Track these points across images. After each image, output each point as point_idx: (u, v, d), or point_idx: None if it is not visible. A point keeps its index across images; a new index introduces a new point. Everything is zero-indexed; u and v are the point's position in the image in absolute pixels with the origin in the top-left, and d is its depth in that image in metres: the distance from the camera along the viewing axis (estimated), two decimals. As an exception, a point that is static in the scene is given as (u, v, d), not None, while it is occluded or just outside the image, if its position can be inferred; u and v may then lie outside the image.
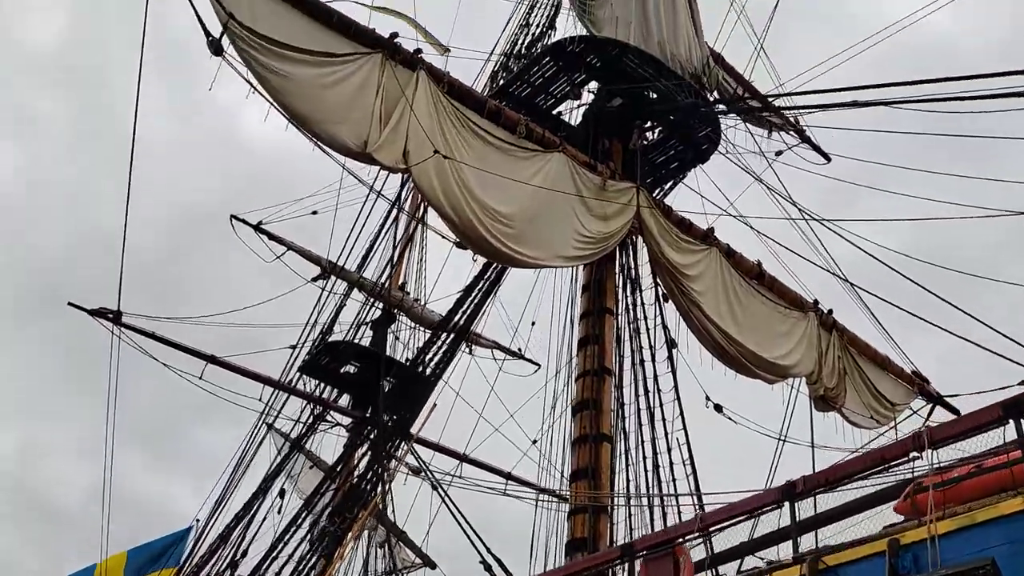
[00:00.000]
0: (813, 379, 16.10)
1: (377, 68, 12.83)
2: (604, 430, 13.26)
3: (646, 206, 14.83)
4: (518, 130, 14.08)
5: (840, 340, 16.86)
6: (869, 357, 17.44)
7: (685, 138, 16.60)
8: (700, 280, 15.13)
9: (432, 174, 12.74)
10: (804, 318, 16.50)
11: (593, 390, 13.52)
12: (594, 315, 14.24)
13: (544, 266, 14.19)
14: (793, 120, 18.82)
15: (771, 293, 16.29)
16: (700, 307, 14.88)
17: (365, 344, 21.44)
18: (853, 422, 16.66)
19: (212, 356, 18.51)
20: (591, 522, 12.32)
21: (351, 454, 17.67)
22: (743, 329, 15.44)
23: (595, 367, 13.67)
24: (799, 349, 16.15)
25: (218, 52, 11.74)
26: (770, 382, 15.77)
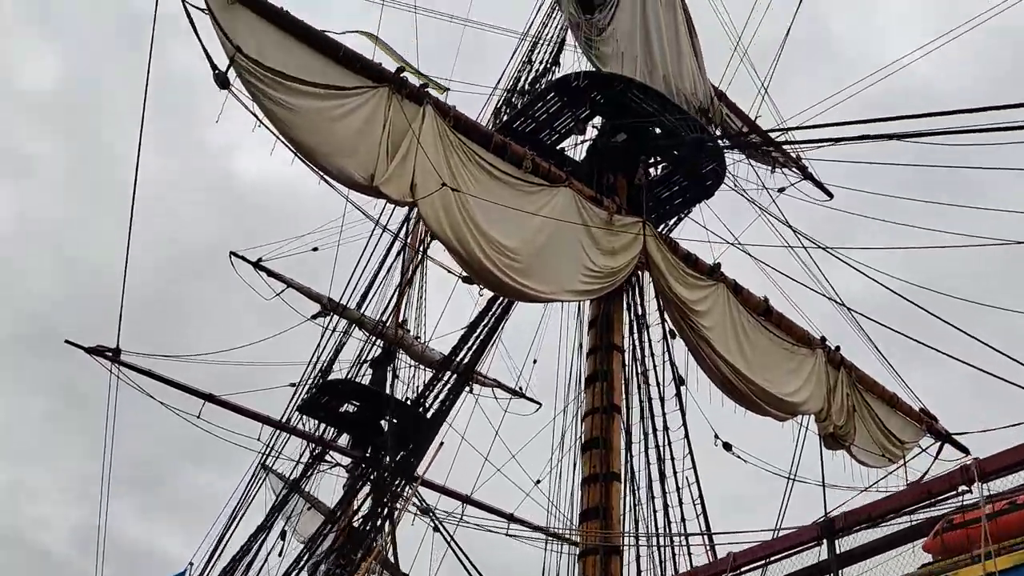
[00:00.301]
0: (822, 417, 15.88)
1: (384, 102, 12.74)
2: (614, 469, 12.97)
3: (653, 241, 14.70)
4: (524, 164, 13.99)
5: (848, 377, 16.67)
6: (877, 394, 17.23)
7: (690, 173, 16.49)
8: (708, 316, 14.96)
9: (439, 207, 12.62)
10: (812, 355, 16.31)
11: (602, 428, 13.26)
12: (602, 351, 14.05)
13: (551, 300, 14.02)
14: (795, 156, 18.82)
15: (779, 329, 16.11)
16: (709, 342, 14.71)
17: (365, 383, 21.23)
18: (862, 461, 16.41)
19: (210, 395, 18.21)
20: (603, 564, 11.98)
21: (352, 495, 17.33)
22: (752, 365, 15.25)
23: (604, 404, 13.41)
24: (808, 386, 15.95)
25: (224, 85, 11.65)
26: (780, 419, 15.54)
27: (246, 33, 11.94)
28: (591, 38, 16.37)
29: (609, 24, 16.73)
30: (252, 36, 11.98)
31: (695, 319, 14.70)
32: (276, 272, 20.43)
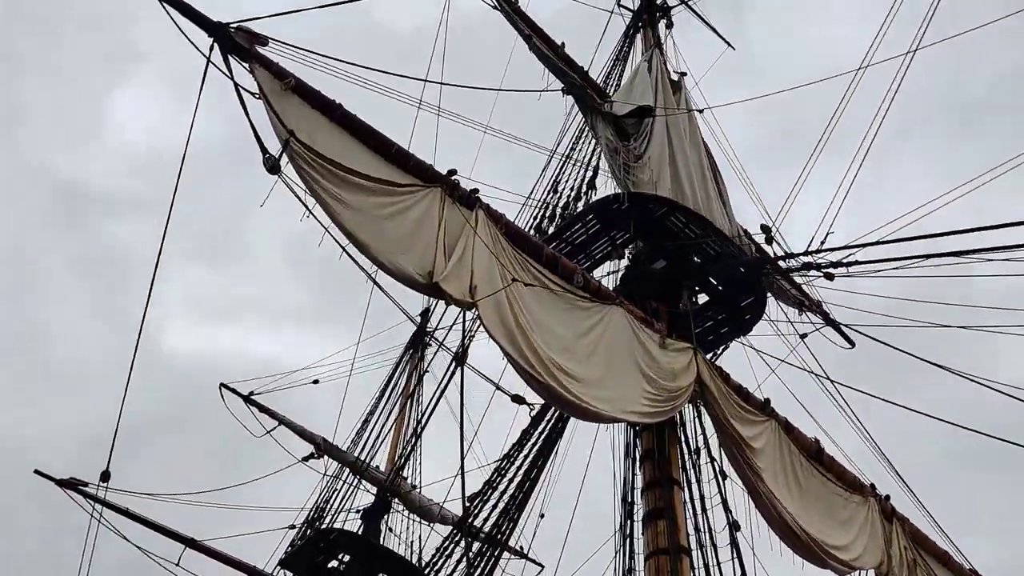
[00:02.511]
0: (884, 570, 14.49)
1: (437, 201, 11.91)
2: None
3: (706, 367, 13.70)
4: (575, 279, 13.09)
5: (903, 528, 15.41)
6: (929, 550, 15.94)
7: (729, 303, 15.74)
8: (763, 455, 13.79)
9: (497, 311, 11.55)
10: (865, 503, 15.08)
11: (669, 572, 11.71)
12: (662, 486, 12.64)
13: (611, 420, 12.77)
14: (816, 301, 18.29)
15: (830, 473, 14.93)
16: (765, 483, 13.45)
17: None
18: (928, 622, 14.96)
19: (191, 539, 16.16)
20: None
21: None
22: (808, 512, 13.98)
23: (669, 545, 11.91)
24: (862, 538, 14.63)
25: (275, 170, 10.71)
26: (839, 572, 14.10)
27: (298, 121, 11.12)
28: (628, 164, 15.89)
29: (645, 152, 16.36)
30: (305, 125, 11.18)
31: (751, 456, 13.50)
32: (268, 407, 18.75)
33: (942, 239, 11.85)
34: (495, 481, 12.94)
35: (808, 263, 13.52)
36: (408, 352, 23.54)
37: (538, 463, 12.61)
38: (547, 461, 12.53)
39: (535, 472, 12.47)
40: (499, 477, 13.47)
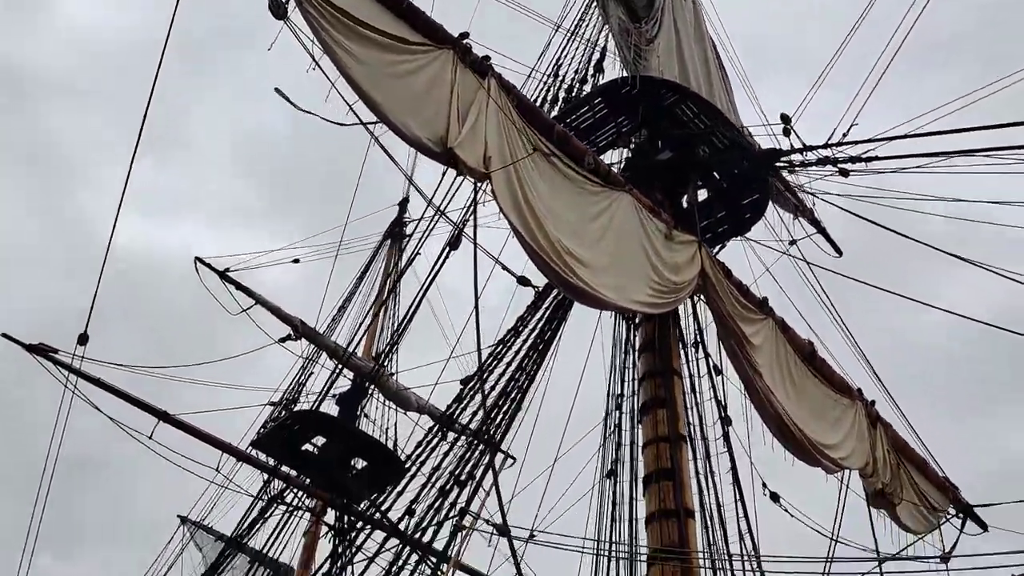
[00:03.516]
0: (868, 472, 14.56)
1: (449, 64, 11.20)
2: (687, 504, 11.22)
3: (710, 262, 13.34)
4: (586, 161, 12.53)
5: (886, 433, 15.47)
6: (909, 457, 16.07)
7: (732, 201, 15.33)
8: (761, 352, 13.58)
9: (506, 189, 10.98)
10: (852, 406, 15.06)
11: (668, 459, 11.51)
12: (664, 376, 12.36)
13: (615, 307, 12.41)
14: (809, 207, 17.98)
15: (821, 376, 14.82)
16: (763, 379, 13.26)
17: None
18: (905, 524, 15.13)
19: (164, 412, 15.59)
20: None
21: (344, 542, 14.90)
22: (801, 410, 13.89)
23: (669, 433, 11.69)
24: (850, 439, 14.65)
25: (281, 15, 9.88)
26: (828, 471, 14.12)
27: (305, -33, 10.21)
28: (640, 47, 15.16)
29: (656, 37, 15.62)
30: (312, -29, 10.26)
31: (750, 352, 13.27)
32: (245, 285, 18.06)
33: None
34: (491, 365, 12.50)
35: (825, 157, 13.04)
36: (387, 240, 22.99)
37: (538, 349, 12.16)
38: (548, 348, 12.09)
39: (536, 357, 12.02)
40: (495, 362, 13.07)
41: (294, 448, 18.24)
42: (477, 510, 9.93)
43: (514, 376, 12.65)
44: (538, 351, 12.06)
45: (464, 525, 9.72)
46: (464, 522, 9.78)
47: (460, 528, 9.66)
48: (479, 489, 10.13)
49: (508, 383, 12.11)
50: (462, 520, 9.77)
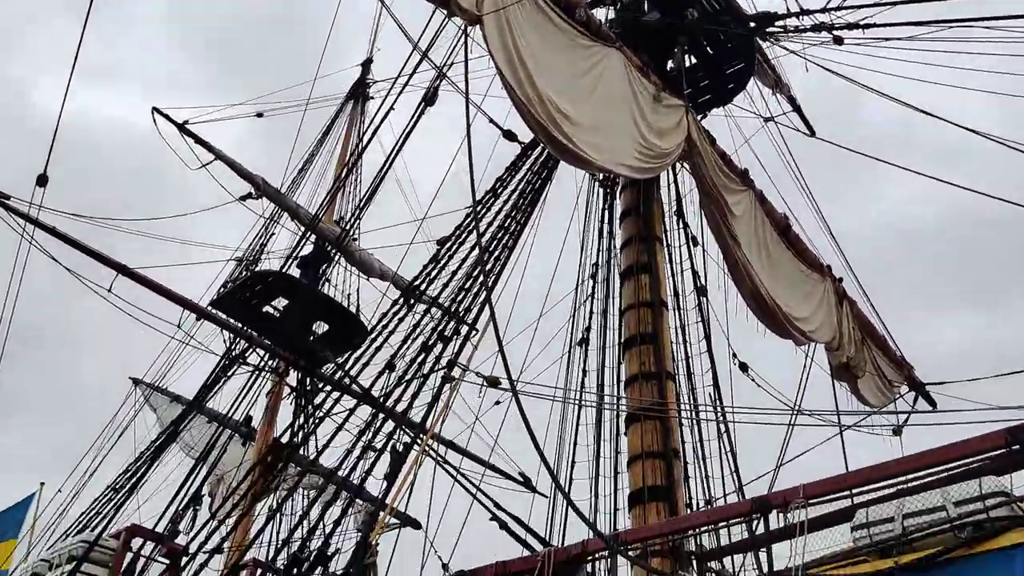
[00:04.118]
0: (835, 346, 14.79)
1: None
2: (668, 368, 11.23)
3: (695, 128, 13.06)
4: (578, 14, 11.98)
5: (852, 310, 15.67)
6: (870, 334, 16.36)
7: (717, 69, 14.96)
8: (741, 222, 13.48)
9: (498, 37, 10.46)
10: (822, 281, 15.18)
11: (649, 323, 11.45)
12: (647, 242, 12.20)
13: (601, 169, 12.08)
14: (786, 84, 17.76)
15: (795, 250, 14.85)
16: (742, 249, 13.21)
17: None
18: (864, 398, 15.50)
19: (123, 266, 15.08)
20: (664, 470, 10.21)
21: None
22: (775, 282, 13.91)
23: (650, 298, 11.60)
24: (819, 313, 14.81)
25: None
26: (798, 343, 14.30)
27: None
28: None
29: None
30: None
31: (732, 222, 13.16)
32: (204, 140, 17.28)
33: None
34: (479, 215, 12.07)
35: (821, 23, 12.68)
36: (350, 100, 22.17)
37: (522, 209, 11.83)
38: (534, 206, 11.78)
39: (521, 217, 11.70)
40: (484, 210, 12.64)
41: (255, 309, 17.94)
42: (466, 360, 9.76)
43: (503, 225, 12.31)
44: (522, 210, 11.72)
45: (452, 376, 9.55)
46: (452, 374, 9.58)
47: (448, 379, 9.51)
48: (470, 336, 9.89)
49: (498, 231, 11.73)
50: (450, 372, 9.60)
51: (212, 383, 16.68)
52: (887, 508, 5.42)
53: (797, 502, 5.86)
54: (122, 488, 15.22)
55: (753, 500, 6.22)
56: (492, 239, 11.17)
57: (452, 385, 9.55)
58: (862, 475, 5.84)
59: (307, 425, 16.74)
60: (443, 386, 9.51)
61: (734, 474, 13.42)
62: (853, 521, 5.64)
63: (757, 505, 6.12)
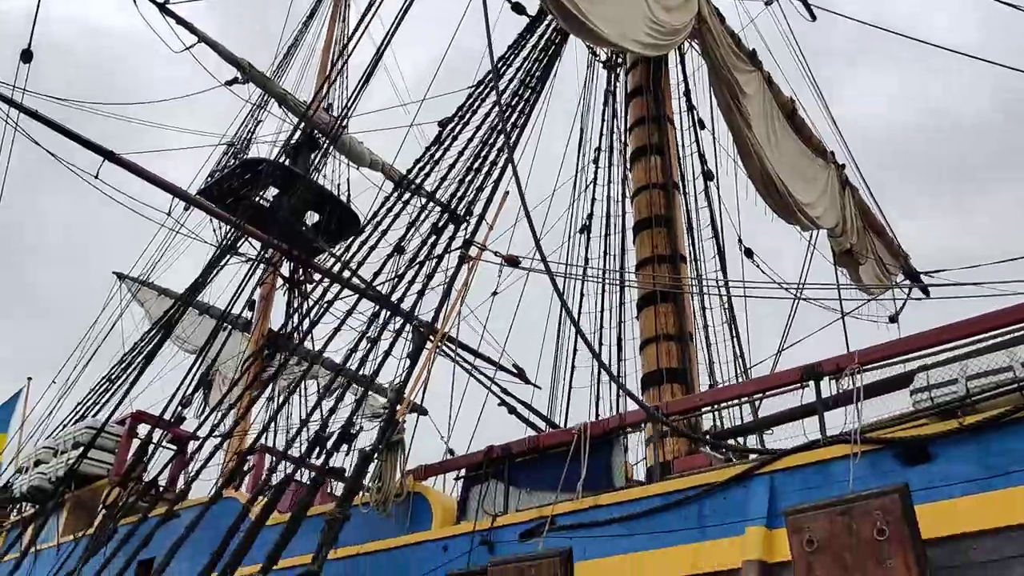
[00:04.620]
0: (838, 232, 14.68)
1: None
2: (680, 250, 11.04)
3: (707, 4, 12.59)
4: None
5: (854, 197, 15.54)
6: (870, 222, 16.28)
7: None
8: (752, 101, 13.15)
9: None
10: (827, 168, 14.98)
11: (662, 206, 11.21)
12: (659, 122, 11.84)
13: (611, 45, 11.61)
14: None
15: (800, 135, 14.59)
16: (752, 130, 12.91)
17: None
18: (864, 284, 15.49)
19: (110, 152, 14.46)
20: (682, 354, 10.13)
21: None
22: (782, 165, 13.66)
23: (665, 179, 11.33)
24: (824, 199, 14.66)
25: None
26: (804, 228, 14.17)
27: None
28: None
29: None
30: None
31: (743, 101, 12.82)
32: (188, 21, 16.44)
33: None
34: (483, 94, 11.61)
35: None
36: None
37: (531, 87, 11.37)
38: (543, 82, 11.30)
39: (530, 96, 11.25)
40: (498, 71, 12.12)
41: (245, 199, 17.47)
42: (482, 240, 9.47)
43: (517, 91, 11.84)
44: (534, 81, 11.26)
45: (470, 256, 9.28)
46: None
47: (466, 259, 9.24)
48: (488, 207, 9.56)
49: (512, 98, 11.26)
50: (467, 251, 9.31)
51: (205, 274, 16.30)
52: (949, 370, 5.32)
53: (851, 368, 5.76)
54: (117, 379, 14.99)
55: (804, 368, 6.11)
56: (508, 105, 10.70)
57: (470, 265, 9.28)
58: (918, 340, 5.74)
59: (309, 316, 16.48)
60: (460, 266, 9.24)
61: (739, 357, 13.52)
62: (912, 385, 5.55)
63: (808, 373, 6.02)
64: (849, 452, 5.37)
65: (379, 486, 7.83)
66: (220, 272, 16.46)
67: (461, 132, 11.91)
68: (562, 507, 6.70)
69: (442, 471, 8.21)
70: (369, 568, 7.70)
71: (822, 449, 5.64)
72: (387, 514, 7.85)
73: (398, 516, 7.92)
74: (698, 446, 7.97)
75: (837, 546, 4.86)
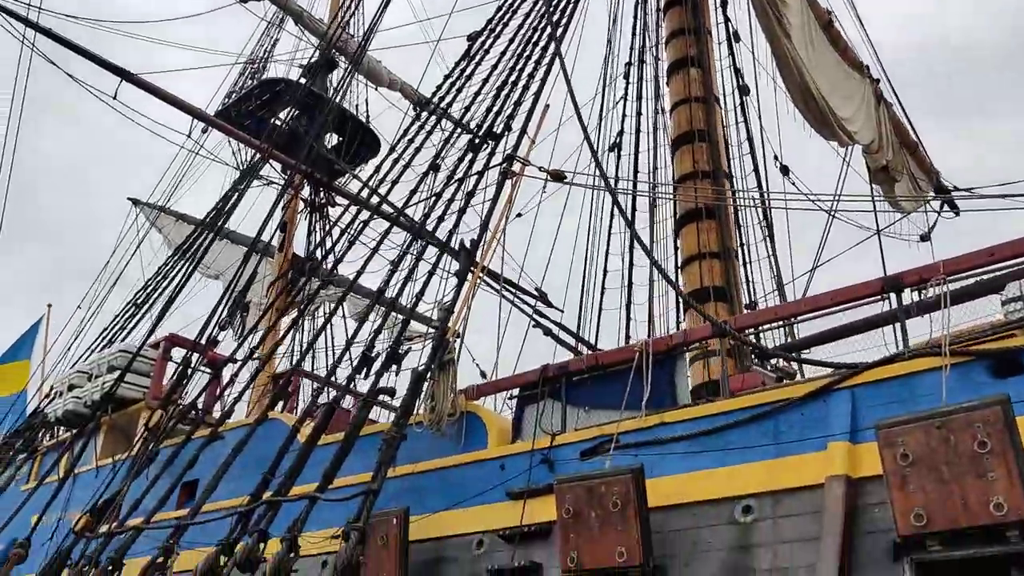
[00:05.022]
0: (874, 148, 14.34)
1: None
2: (723, 166, 10.77)
3: (747, -92, 12.08)
4: None
5: (888, 112, 15.15)
6: (903, 137, 15.92)
7: None
8: (790, 11, 12.70)
9: None
10: (863, 82, 14.57)
11: (701, 120, 10.90)
12: (697, 33, 11.45)
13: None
14: None
15: (837, 48, 14.15)
16: (792, 41, 12.50)
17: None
18: (898, 202, 15.23)
19: (127, 72, 14.10)
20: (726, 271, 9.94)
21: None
22: (820, 78, 13.26)
23: (706, 93, 11.00)
24: (860, 114, 14.29)
25: None
26: (842, 143, 13.84)
27: None
28: None
29: None
30: None
31: (782, 10, 12.39)
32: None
33: None
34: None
35: None
36: None
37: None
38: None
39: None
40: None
41: (264, 119, 17.13)
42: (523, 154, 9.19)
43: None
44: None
45: (513, 171, 9.01)
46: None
47: (508, 175, 8.96)
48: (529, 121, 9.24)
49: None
50: (510, 166, 9.03)
51: (227, 198, 16.04)
52: (1044, 279, 5.15)
53: (937, 279, 5.57)
54: (143, 304, 14.86)
55: (884, 279, 5.91)
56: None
57: (514, 181, 9.02)
58: (1007, 249, 5.53)
59: (344, 237, 16.25)
60: (503, 182, 8.97)
61: (775, 277, 13.34)
62: (1003, 295, 5.37)
63: (890, 284, 5.83)
64: (938, 364, 5.21)
65: (432, 405, 7.73)
66: (242, 196, 16.23)
67: (492, 46, 11.54)
68: (626, 425, 6.58)
69: (495, 390, 8.10)
70: (425, 486, 7.64)
71: (908, 362, 5.48)
72: (441, 433, 7.76)
73: (451, 436, 7.83)
74: (764, 361, 7.82)
75: (933, 460, 4.73)
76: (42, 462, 13.30)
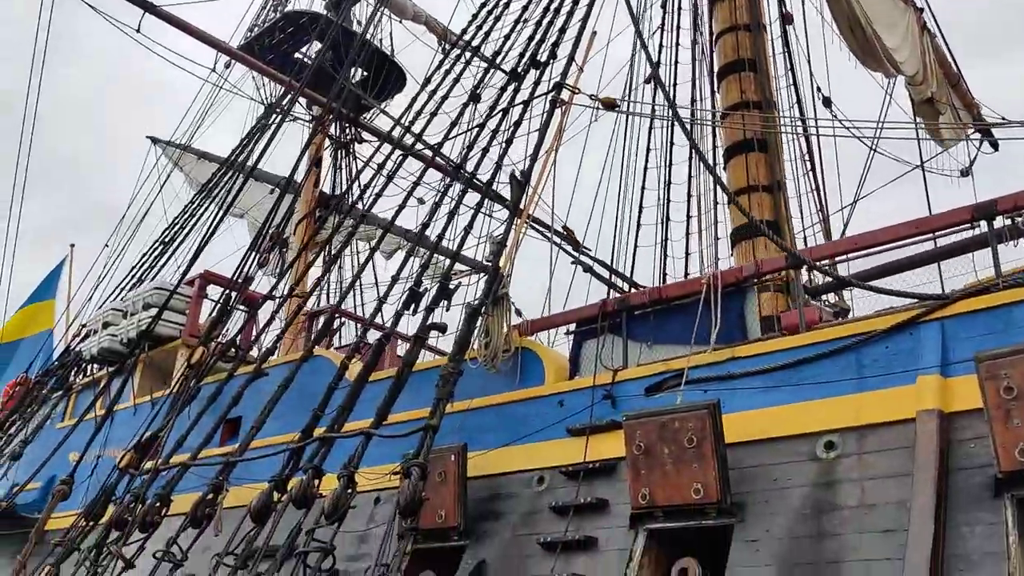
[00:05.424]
0: (919, 79, 13.90)
1: None
2: (771, 95, 10.43)
3: None
4: None
5: (932, 43, 14.69)
6: (946, 70, 15.46)
7: None
8: (836, -67, 12.24)
9: None
10: (907, 11, 14.08)
11: (748, 48, 10.53)
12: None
13: None
14: None
15: (880, -26, 13.65)
16: (838, -32, 12.06)
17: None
18: (942, 135, 14.86)
19: (151, 4, 13.73)
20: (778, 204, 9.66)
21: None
22: (868, 8, 12.84)
23: (751, 20, 10.61)
24: (906, 45, 13.84)
25: None
26: (887, 74, 13.45)
27: None
28: None
29: None
30: None
31: (829, -67, 11.93)
32: None
33: None
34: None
35: None
36: None
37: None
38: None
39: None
40: None
41: (288, 54, 16.76)
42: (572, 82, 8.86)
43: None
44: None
45: (562, 99, 8.69)
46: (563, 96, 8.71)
47: (558, 103, 8.66)
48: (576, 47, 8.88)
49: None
50: (559, 94, 8.72)
51: (251, 135, 15.74)
52: None
53: (1033, 205, 5.32)
54: (171, 241, 14.67)
55: (974, 207, 5.67)
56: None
57: (563, 110, 8.71)
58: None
59: (379, 174, 15.99)
60: (553, 110, 8.66)
61: (820, 211, 13.07)
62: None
63: (981, 212, 5.58)
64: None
65: (487, 341, 7.55)
66: (275, 134, 15.91)
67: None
68: (696, 359, 6.39)
69: (551, 325, 7.92)
70: (481, 423, 7.50)
71: (1002, 292, 5.26)
72: (496, 370, 7.59)
73: (506, 372, 7.67)
74: (815, 297, 7.59)
75: (1041, 392, 4.53)
76: (76, 400, 13.26)
